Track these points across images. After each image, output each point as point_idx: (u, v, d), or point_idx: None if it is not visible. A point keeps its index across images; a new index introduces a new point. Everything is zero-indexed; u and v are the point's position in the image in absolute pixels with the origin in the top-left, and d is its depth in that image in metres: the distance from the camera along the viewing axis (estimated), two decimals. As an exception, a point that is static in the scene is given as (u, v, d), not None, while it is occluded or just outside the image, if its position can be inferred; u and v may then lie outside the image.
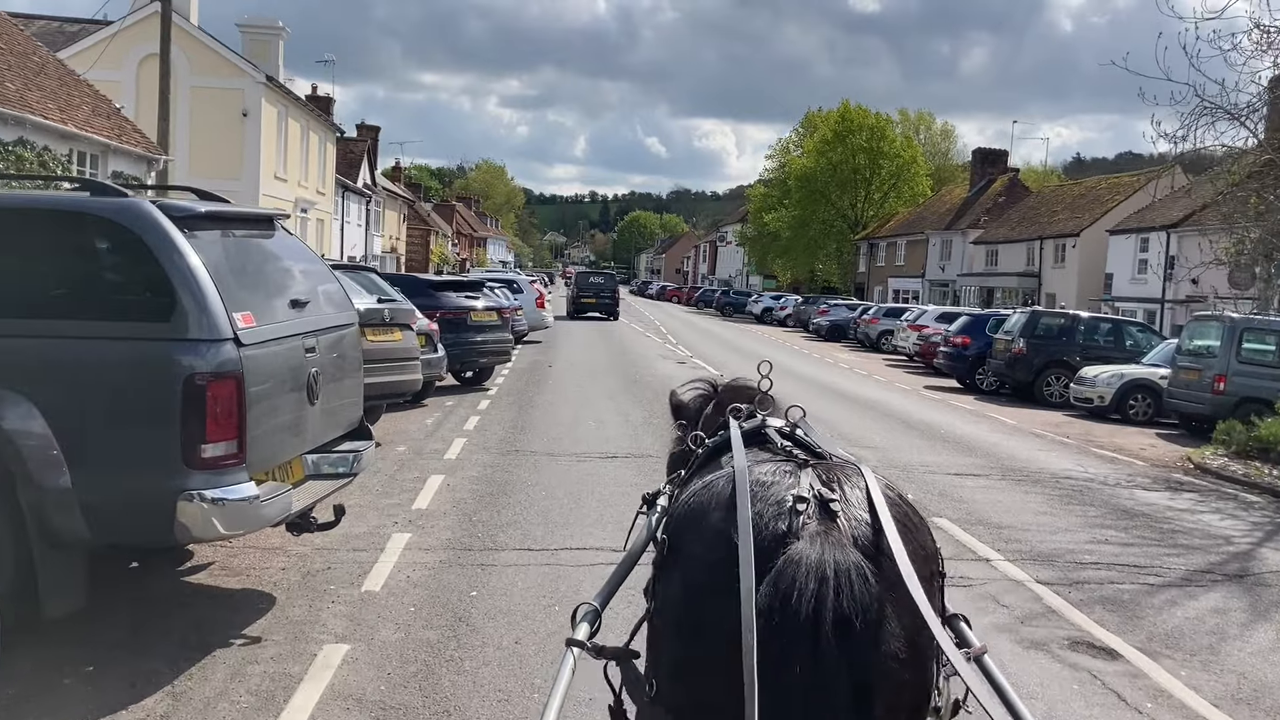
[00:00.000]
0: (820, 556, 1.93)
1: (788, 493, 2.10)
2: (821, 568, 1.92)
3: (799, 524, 2.02)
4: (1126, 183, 44.43)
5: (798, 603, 1.89)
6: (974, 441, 14.91)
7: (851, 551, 1.97)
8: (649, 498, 3.08)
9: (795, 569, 1.92)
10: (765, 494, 2.11)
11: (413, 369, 11.80)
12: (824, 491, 2.10)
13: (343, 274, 11.60)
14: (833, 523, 2.03)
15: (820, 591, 1.89)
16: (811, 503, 2.07)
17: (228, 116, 28.84)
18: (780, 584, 1.92)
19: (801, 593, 1.89)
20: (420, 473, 10.06)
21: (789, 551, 1.96)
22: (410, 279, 18.20)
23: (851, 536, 2.02)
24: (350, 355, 6.69)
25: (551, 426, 13.72)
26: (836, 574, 1.91)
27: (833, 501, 2.07)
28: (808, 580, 1.90)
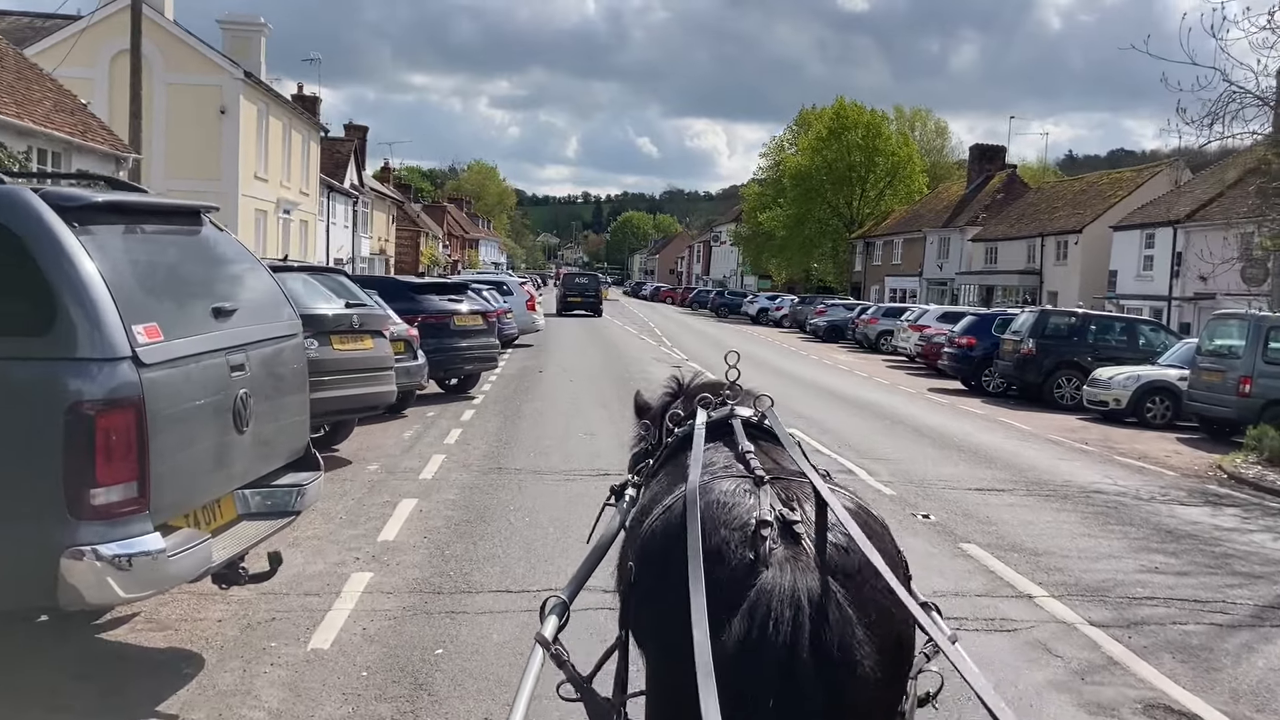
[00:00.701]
0: (792, 585, 1.96)
1: (750, 515, 2.12)
2: (795, 596, 1.94)
3: (765, 551, 2.03)
4: (1128, 178, 43.59)
5: (775, 634, 1.90)
6: (990, 450, 13.97)
7: (818, 575, 2.00)
8: (616, 489, 3.20)
9: (769, 599, 1.94)
10: (727, 518, 2.13)
11: (386, 380, 10.83)
12: (785, 513, 2.13)
13: (309, 276, 10.66)
14: (798, 546, 2.06)
15: (796, 620, 1.92)
16: (774, 526, 2.08)
17: (205, 114, 27.81)
18: (755, 615, 1.93)
19: (777, 625, 1.91)
20: (391, 496, 9.08)
21: (760, 582, 1.98)
22: (389, 281, 17.23)
23: (818, 560, 2.04)
24: (292, 372, 5.71)
25: (539, 439, 12.75)
26: (810, 602, 1.94)
27: (796, 524, 2.10)
28: (783, 610, 1.92)
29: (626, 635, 2.41)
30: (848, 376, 26.13)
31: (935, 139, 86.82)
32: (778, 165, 77.42)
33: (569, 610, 2.57)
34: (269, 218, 31.58)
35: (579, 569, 2.77)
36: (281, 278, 10.15)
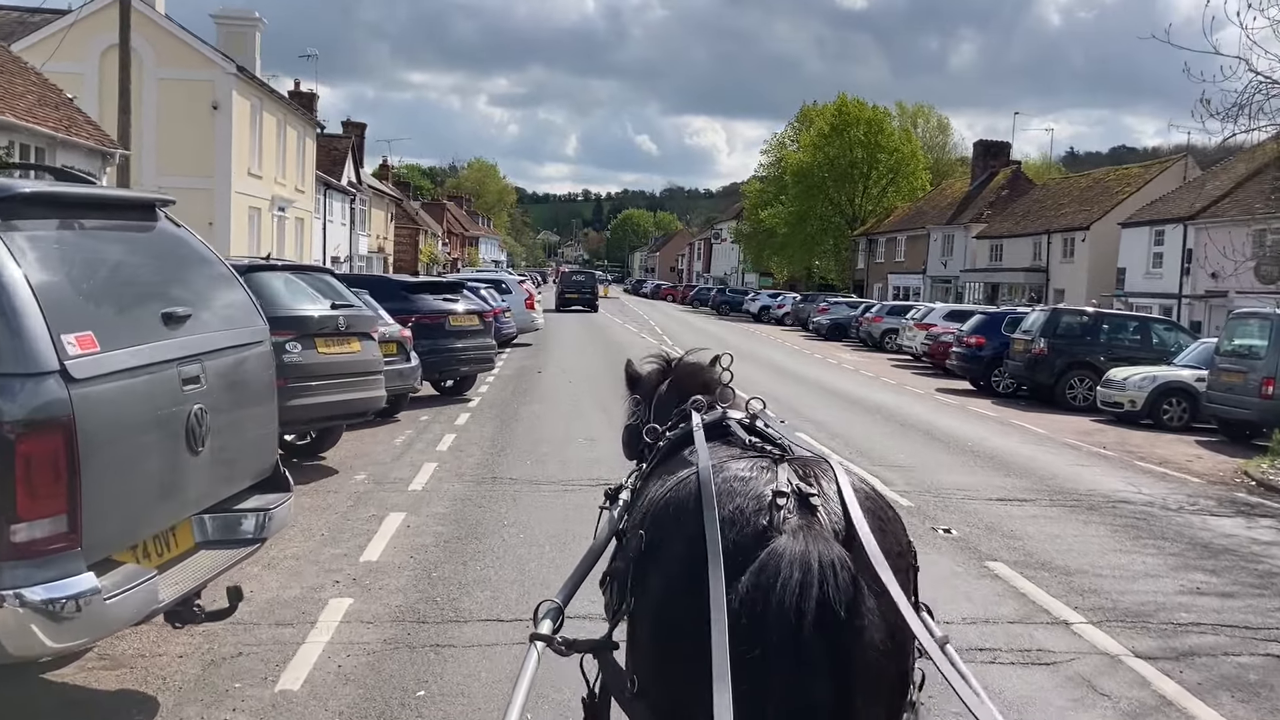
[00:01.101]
0: (804, 549, 1.96)
1: (767, 488, 2.14)
2: (805, 559, 1.94)
3: (780, 519, 2.06)
4: (1136, 174, 43.03)
5: (781, 592, 1.90)
6: (1006, 456, 13.41)
7: (834, 545, 2.00)
8: (611, 493, 3.18)
9: (778, 561, 1.95)
10: (745, 489, 2.16)
11: (374, 384, 10.28)
12: (803, 486, 2.15)
13: (293, 276, 10.11)
14: (813, 517, 2.07)
15: (804, 581, 1.91)
16: (791, 498, 2.11)
17: (197, 110, 27.25)
18: (763, 576, 1.94)
19: (785, 584, 1.91)
20: (378, 510, 8.53)
21: (772, 545, 1.99)
22: (382, 280, 16.67)
23: (833, 530, 2.06)
24: (257, 383, 5.16)
25: (537, 445, 12.19)
26: (820, 566, 1.93)
27: (812, 496, 2.12)
28: (791, 571, 1.92)
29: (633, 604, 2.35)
30: (853, 376, 25.57)
31: (937, 135, 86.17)
32: (779, 162, 76.81)
33: (563, 614, 2.54)
34: (263, 215, 31.02)
35: (573, 572, 2.75)
36: (263, 278, 9.65)
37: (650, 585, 2.24)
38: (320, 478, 9.72)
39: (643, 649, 2.30)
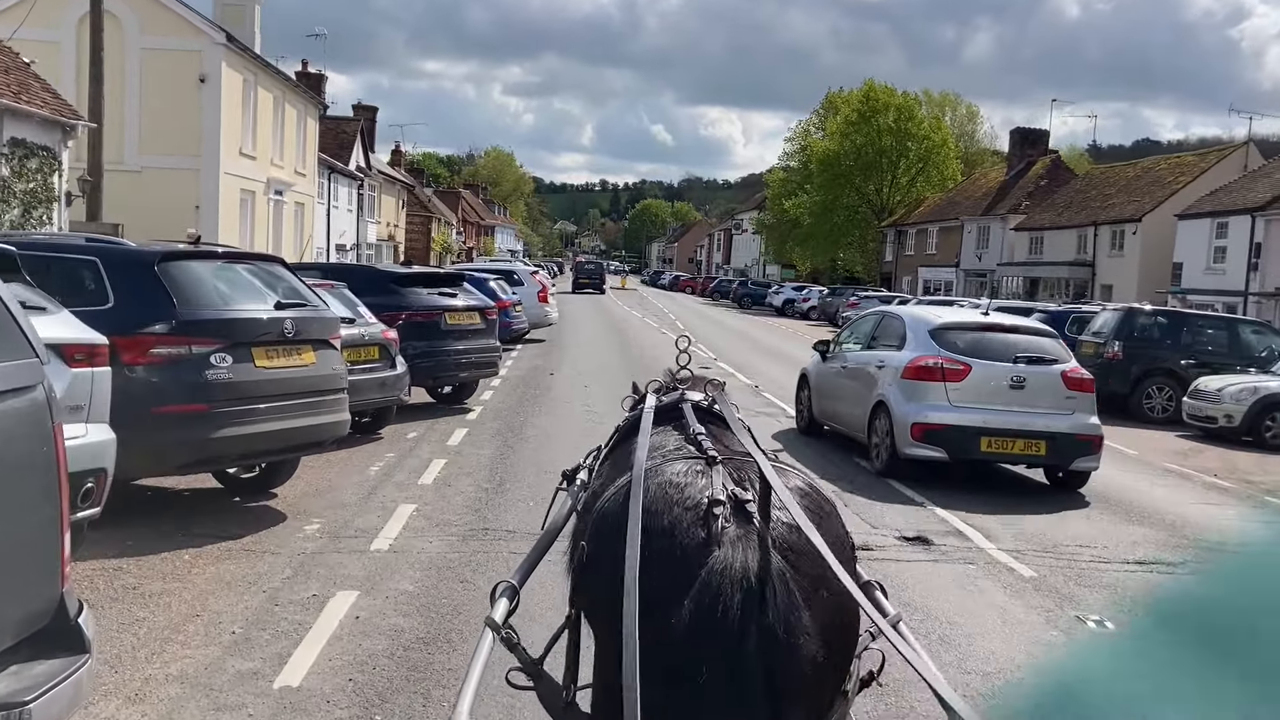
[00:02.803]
0: (743, 565, 1.96)
1: (703, 495, 2.11)
2: (744, 576, 1.94)
3: (717, 529, 2.03)
4: (1191, 163, 40.42)
5: (722, 617, 1.90)
6: (1114, 491, 11.05)
7: (773, 555, 2.00)
8: (568, 474, 3.29)
9: (719, 580, 1.94)
10: (680, 497, 2.12)
11: (332, 406, 8.01)
12: (738, 492, 2.13)
13: (228, 266, 7.85)
14: (749, 525, 2.05)
15: (744, 603, 1.91)
16: (727, 505, 2.08)
17: (183, 83, 25.04)
18: (704, 598, 1.93)
19: (726, 608, 1.91)
20: (321, 587, 6.27)
21: (711, 561, 1.97)
22: (366, 271, 14.39)
23: (771, 538, 2.03)
24: (15, 464, 2.88)
25: (544, 476, 9.90)
26: (759, 580, 1.94)
27: (748, 503, 2.09)
28: (732, 593, 1.92)
29: (578, 615, 2.35)
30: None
31: (966, 124, 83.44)
32: (804, 150, 74.29)
33: (518, 595, 2.52)
34: (257, 199, 28.83)
35: (529, 553, 2.72)
36: (182, 269, 7.34)
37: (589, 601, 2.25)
38: (259, 528, 7.48)
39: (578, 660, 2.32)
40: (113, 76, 24.58)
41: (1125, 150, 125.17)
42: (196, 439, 6.91)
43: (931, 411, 10.23)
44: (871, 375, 11.31)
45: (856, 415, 11.46)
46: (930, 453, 10.29)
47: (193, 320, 6.99)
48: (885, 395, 10.71)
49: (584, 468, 3.15)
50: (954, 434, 10.18)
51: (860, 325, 13.62)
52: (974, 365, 10.39)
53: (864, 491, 9.92)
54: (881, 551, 7.55)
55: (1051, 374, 10.51)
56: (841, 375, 12.45)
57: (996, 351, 10.63)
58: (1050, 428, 10.20)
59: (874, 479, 10.59)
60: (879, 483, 10.42)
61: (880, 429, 10.81)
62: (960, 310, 16.02)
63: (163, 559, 6.58)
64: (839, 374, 12.56)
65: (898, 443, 10.38)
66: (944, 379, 10.34)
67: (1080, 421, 10.42)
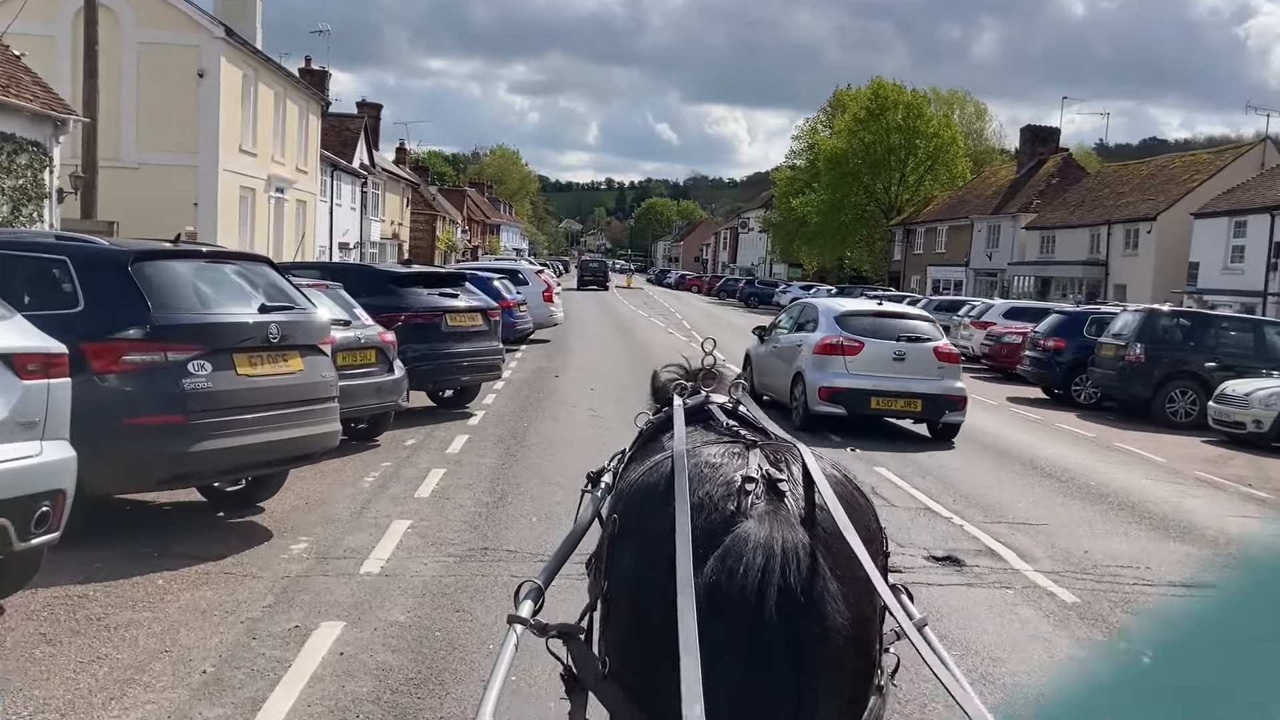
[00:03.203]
0: (768, 535, 1.94)
1: (736, 473, 2.10)
2: (769, 545, 1.92)
3: (748, 504, 2.03)
4: (1206, 160, 39.77)
5: (743, 578, 1.89)
6: (1146, 502, 10.50)
7: (799, 530, 1.98)
8: (593, 476, 3.20)
9: (742, 545, 1.93)
10: (714, 475, 2.11)
11: (323, 416, 7.49)
12: (772, 472, 2.11)
13: (210, 265, 7.35)
14: (780, 502, 2.04)
15: (766, 566, 1.89)
16: (760, 483, 2.08)
17: (181, 78, 24.53)
18: (726, 560, 1.92)
19: (747, 569, 1.89)
20: (305, 616, 5.74)
21: (736, 530, 1.96)
22: (364, 271, 13.85)
23: (799, 516, 2.02)
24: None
25: (549, 487, 9.39)
26: (783, 551, 1.92)
27: (781, 482, 2.08)
28: (754, 556, 1.90)
29: (606, 588, 2.26)
30: (910, 382, 22.66)
31: (974, 122, 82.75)
32: (811, 148, 73.68)
33: (543, 595, 2.49)
34: (257, 196, 28.32)
35: (554, 554, 2.68)
36: (160, 269, 6.80)
37: (621, 568, 2.20)
38: (242, 547, 6.96)
39: (614, 631, 2.22)
40: (109, 71, 24.11)
41: (1133, 149, 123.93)
42: (172, 453, 6.39)
43: (834, 378, 13.05)
44: (793, 352, 13.94)
45: (783, 384, 14.24)
46: (832, 409, 12.98)
47: (169, 324, 6.47)
48: (802, 367, 13.46)
49: (608, 470, 3.14)
50: (850, 395, 12.94)
51: (789, 313, 16.23)
52: (866, 343, 13.25)
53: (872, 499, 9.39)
54: (910, 574, 7.01)
55: (925, 349, 13.41)
56: (773, 354, 15.21)
57: (885, 332, 13.55)
58: (924, 390, 12.95)
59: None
60: (890, 487, 9.89)
61: (798, 393, 13.48)
62: (861, 301, 18.71)
63: (134, 584, 6.06)
64: (771, 353, 15.34)
65: (809, 402, 13.09)
66: (844, 353, 13.16)
67: (948, 385, 13.28)
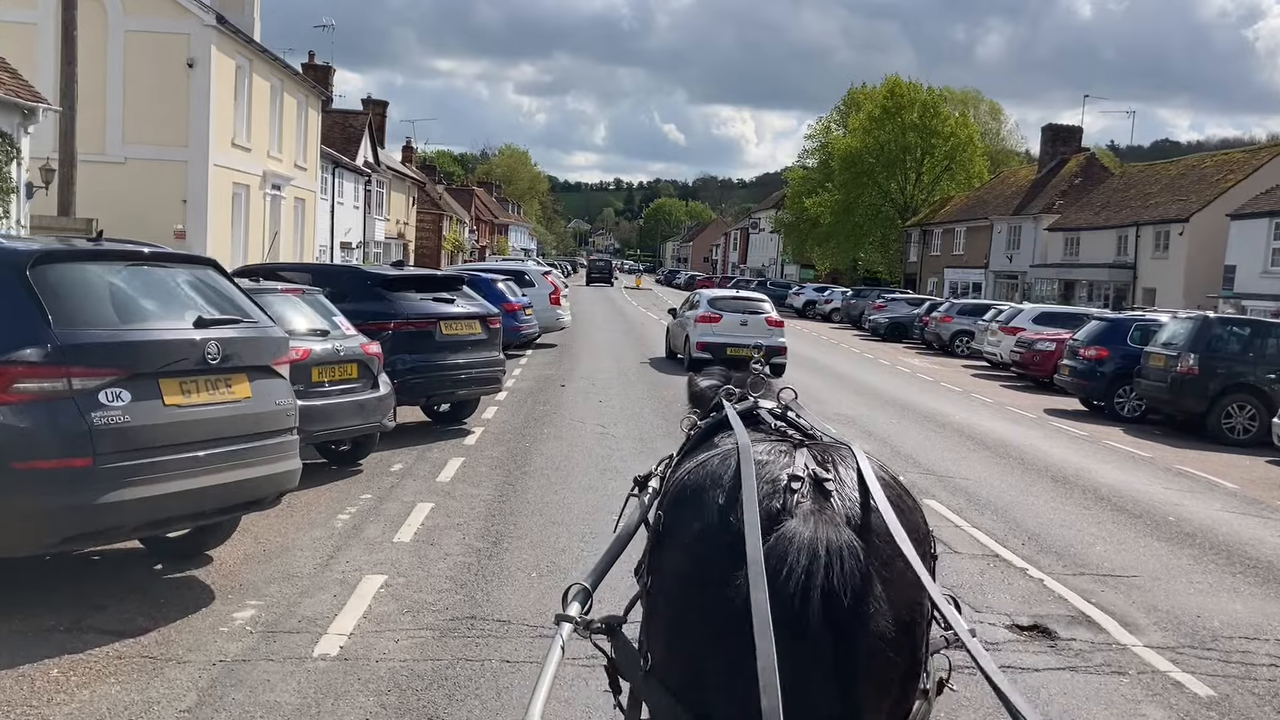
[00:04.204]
0: (813, 534, 1.92)
1: (782, 471, 2.08)
2: (814, 545, 1.90)
3: (793, 502, 2.01)
4: (1241, 159, 38.23)
5: (787, 579, 1.86)
6: (1236, 542, 9.13)
7: (845, 530, 1.95)
8: (640, 479, 3.12)
9: (787, 546, 1.91)
10: (760, 473, 2.08)
11: (277, 452, 6.15)
12: (818, 471, 2.09)
13: (137, 268, 6.02)
14: (826, 501, 2.02)
15: (810, 568, 1.87)
16: (806, 481, 2.05)
17: (170, 68, 23.28)
18: (770, 561, 1.88)
19: (792, 570, 1.87)
20: (245, 699, 4.43)
21: (782, 529, 1.94)
22: (352, 273, 12.50)
23: (845, 515, 2.00)
24: None
25: (551, 532, 8.05)
26: (828, 551, 1.90)
27: (827, 481, 2.06)
28: (799, 557, 1.88)
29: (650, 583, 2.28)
30: (936, 391, 21.30)
31: (989, 122, 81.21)
32: (825, 147, 72.25)
33: (591, 597, 2.48)
34: (251, 193, 27.04)
35: (602, 557, 2.66)
36: (69, 273, 5.46)
37: (667, 564, 2.19)
38: (174, 615, 5.65)
39: (659, 626, 2.21)
40: (93, 60, 22.88)
41: (1145, 151, 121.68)
42: (76, 505, 5.07)
43: (705, 337, 20.59)
44: (686, 323, 21.87)
45: (680, 343, 22.21)
46: (704, 355, 19.27)
47: (76, 344, 5.16)
48: (689, 331, 21.28)
49: (655, 475, 3.06)
50: (714, 346, 19.83)
51: (688, 300, 24.37)
52: (724, 315, 21.23)
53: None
54: (997, 652, 5.67)
55: (760, 318, 21.53)
56: (676, 325, 23.41)
57: (737, 308, 21.78)
58: (759, 342, 17.32)
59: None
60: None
61: (687, 346, 21.19)
62: (727, 290, 30.70)
63: (18, 677, 4.74)
64: (675, 325, 23.59)
65: (691, 351, 20.54)
66: (710, 321, 21.02)
67: (774, 339, 20.56)
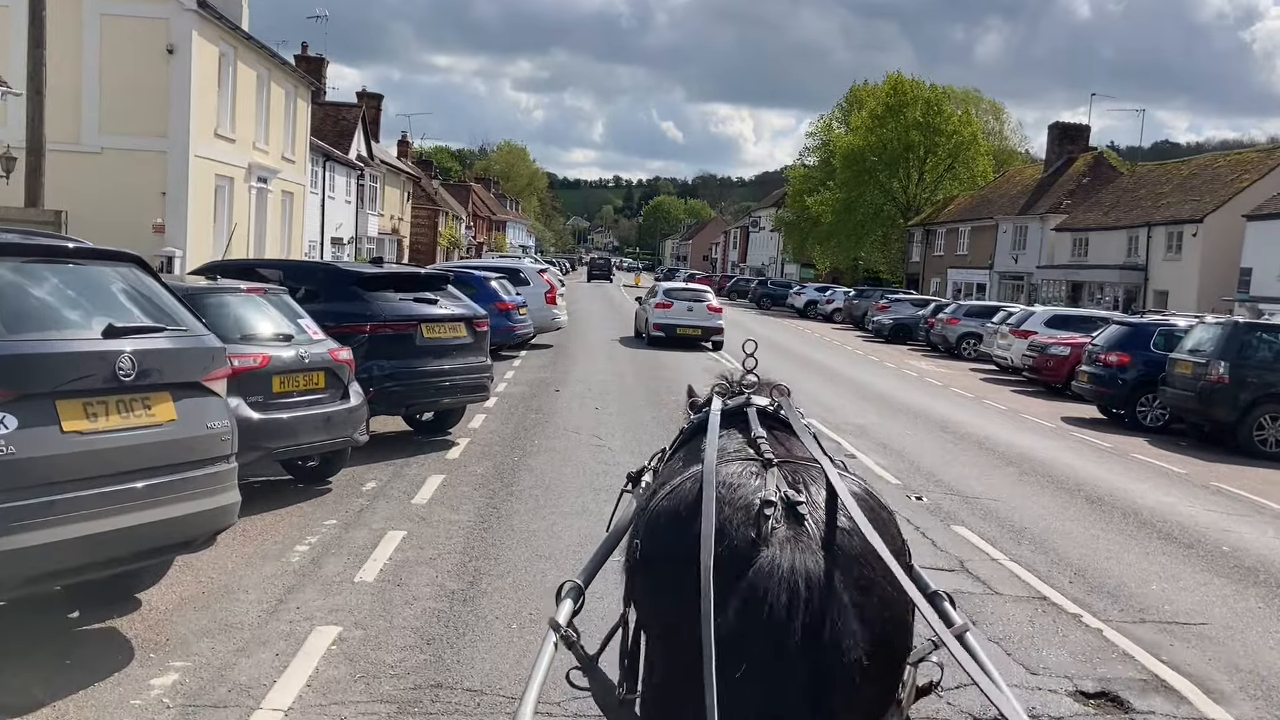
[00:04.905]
0: (790, 566, 1.93)
1: (755, 496, 2.08)
2: (792, 579, 1.91)
3: (768, 530, 2.00)
4: (1255, 159, 37.30)
5: (768, 617, 1.88)
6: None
7: (820, 557, 1.96)
8: (633, 475, 3.17)
9: (766, 581, 1.91)
10: (732, 497, 2.09)
11: (210, 485, 5.17)
12: (790, 494, 2.08)
13: (32, 266, 5.06)
14: (800, 527, 2.02)
15: (791, 604, 1.88)
16: (779, 506, 2.05)
17: (149, 54, 22.24)
18: (750, 599, 1.91)
19: (773, 608, 1.88)
20: None
21: (758, 561, 1.94)
22: (325, 271, 11.51)
23: (820, 540, 2.00)
24: None
25: (537, 567, 7.08)
26: (807, 585, 1.91)
27: (800, 505, 2.05)
28: (779, 594, 1.90)
29: (630, 612, 2.33)
30: (946, 396, 20.36)
31: (992, 122, 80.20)
32: (826, 145, 71.27)
33: (583, 595, 2.50)
34: (236, 185, 26.02)
35: (594, 553, 2.68)
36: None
37: (643, 596, 2.21)
38: (79, 681, 4.68)
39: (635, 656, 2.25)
40: (68, 46, 21.88)
41: (1145, 152, 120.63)
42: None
43: (660, 319, 26.29)
44: (648, 308, 27.60)
45: (643, 325, 27.97)
46: (659, 334, 25.97)
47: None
48: (649, 315, 27.09)
49: (649, 470, 3.05)
50: (667, 327, 26.08)
51: (651, 290, 30.76)
52: (675, 303, 26.79)
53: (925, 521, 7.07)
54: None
55: (703, 305, 27.05)
56: (641, 311, 29.14)
57: (684, 297, 27.64)
58: (701, 324, 26.15)
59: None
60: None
61: (645, 328, 27.18)
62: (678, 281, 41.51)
63: None
64: (640, 310, 29.47)
65: (649, 331, 26.51)
66: (664, 308, 26.53)
67: (714, 323, 26.62)
